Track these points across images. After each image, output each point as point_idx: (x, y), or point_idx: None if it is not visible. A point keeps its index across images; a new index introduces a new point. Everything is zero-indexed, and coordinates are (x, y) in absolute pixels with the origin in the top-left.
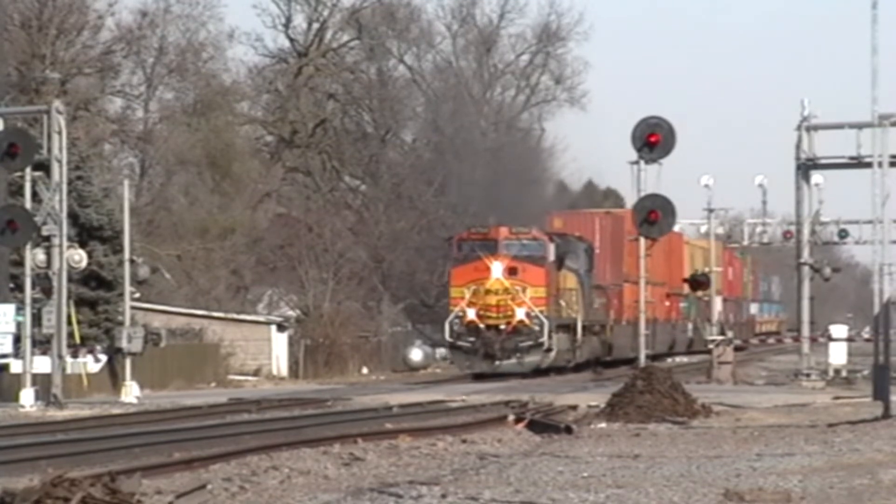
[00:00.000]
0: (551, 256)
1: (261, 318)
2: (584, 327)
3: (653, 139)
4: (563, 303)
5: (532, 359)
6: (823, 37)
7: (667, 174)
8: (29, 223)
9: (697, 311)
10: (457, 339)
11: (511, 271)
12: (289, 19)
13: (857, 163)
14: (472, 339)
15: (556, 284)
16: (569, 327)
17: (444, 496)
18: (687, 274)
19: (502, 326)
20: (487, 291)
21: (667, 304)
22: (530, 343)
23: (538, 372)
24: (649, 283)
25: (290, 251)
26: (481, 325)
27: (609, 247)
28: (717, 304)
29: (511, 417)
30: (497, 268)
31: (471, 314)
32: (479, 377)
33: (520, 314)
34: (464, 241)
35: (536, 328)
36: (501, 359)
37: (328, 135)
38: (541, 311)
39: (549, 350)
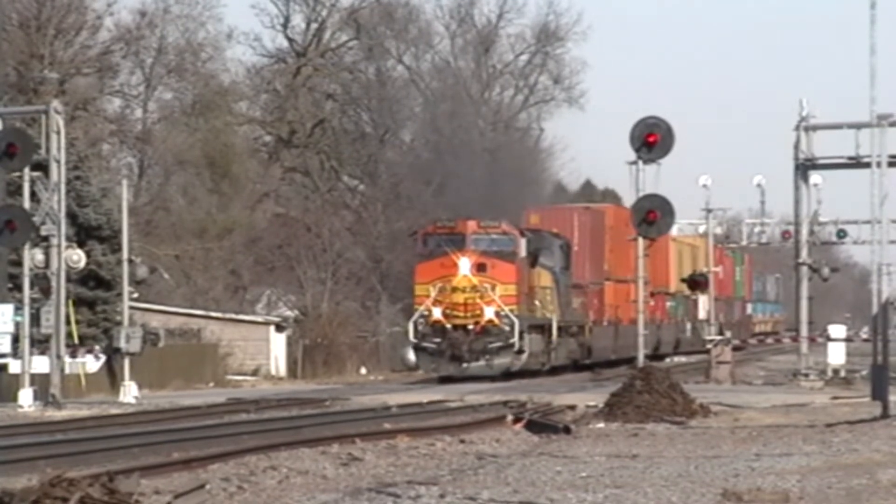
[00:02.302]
0: (523, 252)
1: (259, 318)
2: (559, 328)
3: (651, 139)
4: (537, 302)
5: (502, 361)
6: (822, 37)
7: (665, 174)
8: (27, 223)
9: (685, 310)
10: (422, 339)
11: (479, 268)
12: (287, 19)
13: (856, 163)
14: (437, 339)
15: (529, 282)
16: (543, 328)
17: (442, 496)
18: (673, 272)
19: (470, 326)
20: (454, 289)
21: (651, 303)
22: (500, 344)
23: (508, 375)
24: (633, 282)
25: (288, 251)
26: (448, 325)
27: (588, 243)
28: (705, 304)
29: (509, 417)
30: (464, 264)
31: (436, 313)
32: (445, 380)
33: (489, 313)
34: (429, 236)
35: (507, 328)
36: (469, 361)
37: (326, 135)
38: (511, 311)
39: (520, 352)
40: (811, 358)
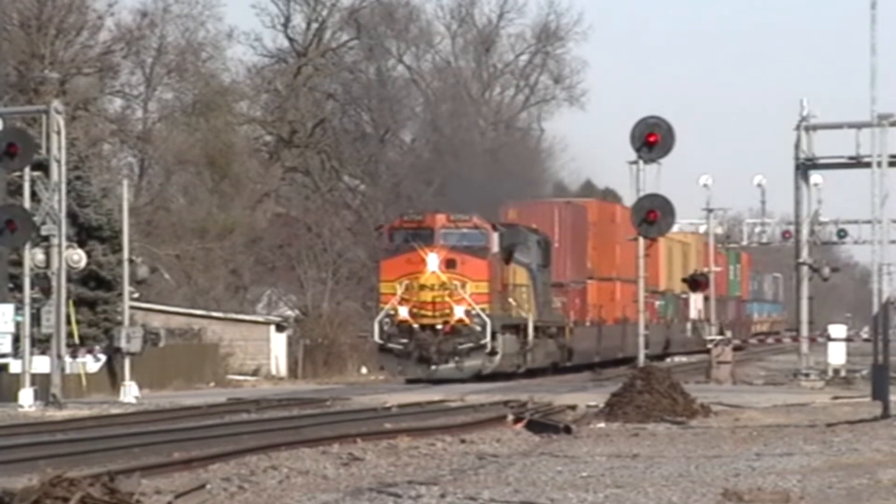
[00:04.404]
0: (495, 247)
1: (260, 318)
2: (536, 328)
3: (652, 139)
4: (511, 300)
5: (473, 363)
6: (822, 37)
7: (666, 174)
8: (28, 223)
9: (676, 309)
10: (387, 340)
11: (449, 264)
12: (288, 19)
13: (856, 163)
14: (404, 340)
15: (502, 279)
16: (518, 328)
17: (442, 496)
18: (663, 270)
19: (439, 326)
20: (422, 287)
21: None
22: (471, 345)
23: (480, 377)
24: (619, 281)
25: (289, 251)
26: (415, 325)
27: (570, 240)
28: (696, 303)
29: (510, 417)
30: (433, 260)
31: (403, 312)
32: (413, 384)
33: (458, 312)
34: (396, 231)
35: (478, 328)
36: (438, 363)
37: (327, 134)
38: (483, 310)
39: (493, 353)
40: (812, 358)
